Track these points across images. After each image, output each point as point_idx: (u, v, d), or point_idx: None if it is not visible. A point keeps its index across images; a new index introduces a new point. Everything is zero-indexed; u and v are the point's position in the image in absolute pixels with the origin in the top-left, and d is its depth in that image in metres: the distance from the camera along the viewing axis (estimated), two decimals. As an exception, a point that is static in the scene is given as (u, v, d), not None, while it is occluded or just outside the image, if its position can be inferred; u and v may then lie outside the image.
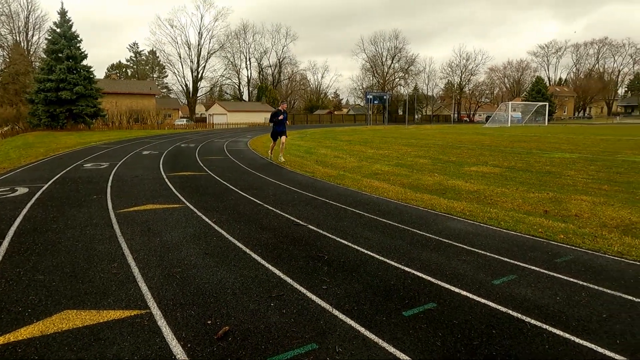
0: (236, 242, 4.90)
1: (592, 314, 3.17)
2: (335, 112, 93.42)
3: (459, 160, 14.00)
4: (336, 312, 3.15)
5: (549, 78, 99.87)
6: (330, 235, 5.20)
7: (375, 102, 66.93)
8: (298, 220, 5.91)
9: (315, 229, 5.51)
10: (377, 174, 10.76)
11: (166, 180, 9.56)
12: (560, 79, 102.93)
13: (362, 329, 2.92)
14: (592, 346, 2.73)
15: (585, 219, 6.30)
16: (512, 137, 26.62)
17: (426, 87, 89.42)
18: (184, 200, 7.29)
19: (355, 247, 4.77)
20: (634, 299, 3.46)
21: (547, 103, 61.63)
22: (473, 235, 5.31)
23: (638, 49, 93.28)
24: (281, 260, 4.30)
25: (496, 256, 4.49)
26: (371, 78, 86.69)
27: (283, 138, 13.06)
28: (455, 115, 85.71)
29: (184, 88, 76.80)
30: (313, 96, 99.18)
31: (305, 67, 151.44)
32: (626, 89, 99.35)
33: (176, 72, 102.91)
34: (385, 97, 68.67)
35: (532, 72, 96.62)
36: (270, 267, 4.08)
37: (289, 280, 3.77)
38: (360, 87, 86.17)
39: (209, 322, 2.99)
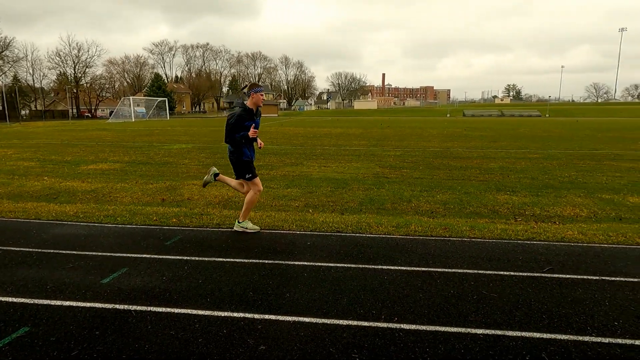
0: None
1: (191, 284, 3.60)
2: None
3: (75, 159, 12.75)
4: None
5: (166, 75, 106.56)
6: None
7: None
8: None
9: None
10: (-43, 187, 8.25)
11: None
12: (176, 76, 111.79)
13: None
14: (188, 311, 3.10)
15: (196, 201, 7.13)
16: (135, 132, 26.79)
17: (32, 78, 75.98)
18: None
19: None
20: (224, 259, 4.19)
21: (167, 98, 65.74)
22: (85, 237, 4.95)
23: (231, 55, 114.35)
24: None
25: (109, 254, 4.36)
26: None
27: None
28: (75, 110, 77.64)
29: None
30: None
31: None
32: (228, 87, 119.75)
33: None
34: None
35: (150, 68, 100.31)
36: None
37: None
38: None
39: None
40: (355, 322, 2.94)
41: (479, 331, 2.82)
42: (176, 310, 3.12)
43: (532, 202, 6.94)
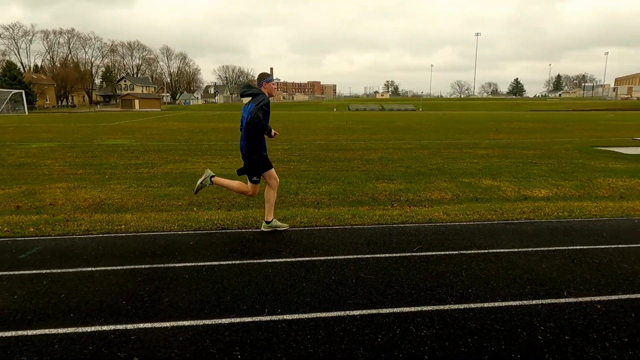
0: None
1: (50, 300, 3.18)
2: None
3: None
4: None
5: (22, 64, 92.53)
6: None
7: None
8: None
9: None
10: None
11: None
12: (36, 65, 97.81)
13: None
14: (46, 331, 2.73)
15: (60, 206, 6.32)
16: (-16, 129, 22.83)
17: None
18: None
19: None
20: (93, 268, 3.79)
21: (25, 90, 57.15)
22: None
23: (104, 43, 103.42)
24: None
25: (-60, 275, 3.63)
26: None
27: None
28: None
29: None
30: None
31: None
32: (101, 79, 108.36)
33: None
34: None
35: (1, 55, 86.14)
36: None
37: None
38: None
39: None
40: (238, 319, 2.89)
41: (357, 312, 2.99)
42: (30, 332, 2.72)
43: (406, 188, 7.58)
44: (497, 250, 4.28)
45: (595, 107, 71.25)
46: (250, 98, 4.62)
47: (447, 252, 4.23)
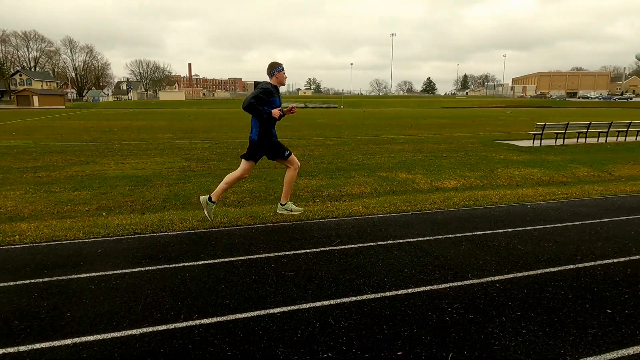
0: None
1: None
2: None
3: None
4: None
5: None
6: None
7: None
8: None
9: None
10: None
11: None
12: None
13: None
14: None
15: (-63, 218, 5.49)
16: None
17: None
18: None
19: None
20: (-21, 287, 3.35)
21: None
22: None
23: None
24: None
25: None
26: None
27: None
28: None
29: None
30: None
31: None
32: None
33: None
34: None
35: None
36: None
37: None
38: None
39: None
40: (151, 329, 2.73)
41: (277, 310, 2.97)
42: None
43: (327, 184, 7.72)
44: (411, 240, 4.52)
45: (497, 104, 78.37)
46: None
47: (366, 244, 4.37)
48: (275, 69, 4.89)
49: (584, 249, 4.21)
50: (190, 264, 3.84)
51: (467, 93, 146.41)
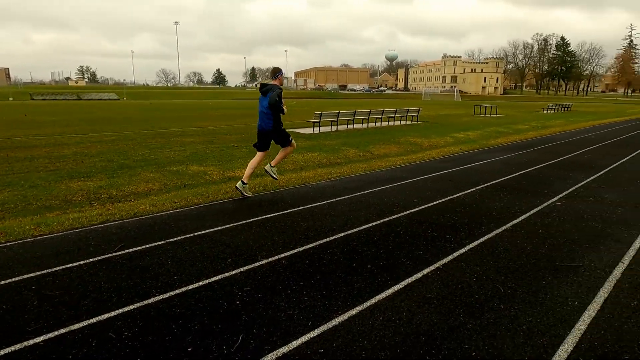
0: None
1: None
2: None
3: None
4: None
5: None
6: None
7: None
8: None
9: None
10: None
11: None
12: None
13: None
14: None
15: None
16: None
17: None
18: None
19: None
20: None
21: None
22: None
23: None
24: None
25: None
26: None
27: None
28: None
29: None
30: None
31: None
32: None
33: None
34: None
35: None
36: None
37: None
38: None
39: None
40: None
41: (40, 339, 2.49)
42: None
43: (108, 184, 6.88)
44: (203, 232, 4.45)
45: (285, 96, 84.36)
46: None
47: (153, 244, 4.08)
48: (279, 72, 6.22)
49: (352, 218, 4.95)
50: None
51: (256, 85, 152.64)
